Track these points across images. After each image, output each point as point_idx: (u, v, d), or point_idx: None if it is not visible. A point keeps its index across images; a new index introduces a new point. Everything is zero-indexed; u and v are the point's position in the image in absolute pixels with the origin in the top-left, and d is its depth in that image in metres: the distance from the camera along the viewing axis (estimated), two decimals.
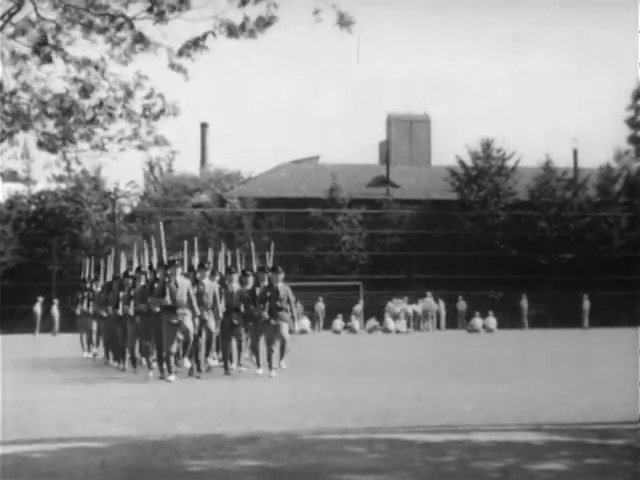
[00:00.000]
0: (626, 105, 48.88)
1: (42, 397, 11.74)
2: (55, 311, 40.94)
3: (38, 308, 40.50)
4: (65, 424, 8.95)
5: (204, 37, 10.52)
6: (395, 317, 39.10)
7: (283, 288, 15.10)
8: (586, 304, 43.08)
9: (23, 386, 13.30)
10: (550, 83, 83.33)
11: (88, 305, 20.40)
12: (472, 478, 6.32)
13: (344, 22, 10.00)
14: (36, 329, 39.74)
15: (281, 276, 15.18)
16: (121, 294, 16.60)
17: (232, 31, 10.33)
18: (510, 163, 49.16)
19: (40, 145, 11.01)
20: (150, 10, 10.29)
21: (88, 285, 21.06)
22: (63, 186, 48.40)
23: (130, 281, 16.55)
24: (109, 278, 18.93)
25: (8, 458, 7.01)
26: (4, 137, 11.13)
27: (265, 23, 10.24)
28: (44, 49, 10.52)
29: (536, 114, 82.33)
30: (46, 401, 11.26)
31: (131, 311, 15.89)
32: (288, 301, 15.02)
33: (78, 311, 21.25)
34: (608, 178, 49.30)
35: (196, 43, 10.56)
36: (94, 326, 19.86)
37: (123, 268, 18.67)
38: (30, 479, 6.43)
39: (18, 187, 46.57)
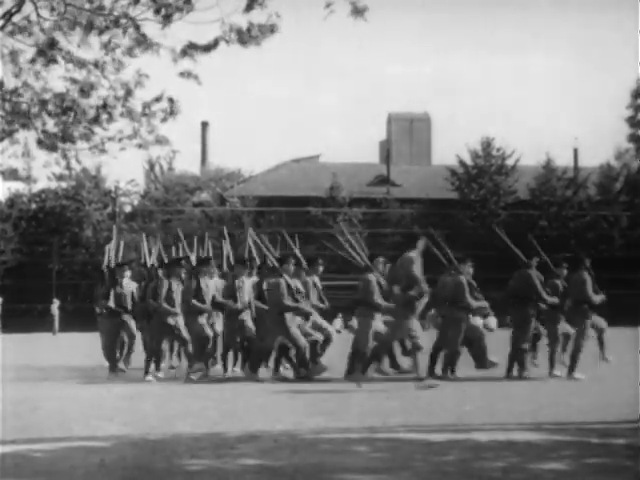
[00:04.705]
0: (626, 104, 48.95)
1: (42, 396, 11.72)
2: (55, 310, 40.97)
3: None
4: (65, 423, 8.94)
5: (215, 43, 10.42)
6: None
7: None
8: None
9: (23, 385, 13.28)
10: (550, 82, 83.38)
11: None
12: (473, 477, 6.31)
13: (359, 10, 9.84)
14: None
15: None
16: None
17: (241, 37, 10.26)
18: (510, 162, 49.18)
19: (40, 143, 10.98)
20: (157, 12, 10.22)
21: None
22: (64, 185, 48.49)
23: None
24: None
25: (8, 457, 7.00)
26: (4, 135, 11.11)
27: (268, 30, 10.17)
28: (52, 52, 10.48)
29: (536, 113, 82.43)
30: (46, 400, 11.25)
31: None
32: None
33: (98, 309, 16.78)
34: (608, 177, 49.31)
35: (207, 49, 10.47)
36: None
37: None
38: (30, 478, 6.42)
39: (18, 186, 46.64)
